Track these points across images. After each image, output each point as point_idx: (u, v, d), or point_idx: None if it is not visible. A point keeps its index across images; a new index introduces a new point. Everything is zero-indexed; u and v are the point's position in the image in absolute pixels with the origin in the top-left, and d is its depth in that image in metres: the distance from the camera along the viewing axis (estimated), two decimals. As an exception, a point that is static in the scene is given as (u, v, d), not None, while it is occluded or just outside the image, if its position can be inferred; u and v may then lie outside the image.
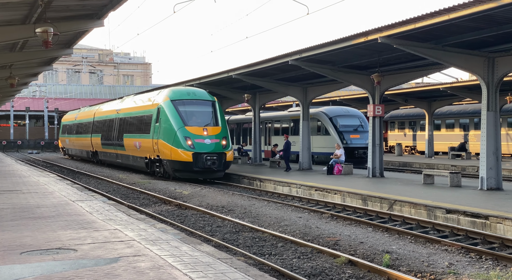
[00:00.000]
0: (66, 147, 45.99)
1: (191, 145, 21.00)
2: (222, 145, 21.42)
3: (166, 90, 24.07)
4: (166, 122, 21.91)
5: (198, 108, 22.46)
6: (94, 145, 34.41)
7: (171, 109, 22.06)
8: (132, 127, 26.34)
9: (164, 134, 21.84)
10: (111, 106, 32.66)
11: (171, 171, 21.92)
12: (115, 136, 29.22)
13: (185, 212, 13.97)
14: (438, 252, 8.99)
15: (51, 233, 8.17)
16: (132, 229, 8.64)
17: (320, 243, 9.78)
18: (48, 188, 15.92)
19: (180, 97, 22.62)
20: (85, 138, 36.87)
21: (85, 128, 37.38)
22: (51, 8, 12.09)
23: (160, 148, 22.10)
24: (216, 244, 9.54)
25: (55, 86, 72.39)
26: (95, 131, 34.07)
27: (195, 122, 21.86)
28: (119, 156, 28.98)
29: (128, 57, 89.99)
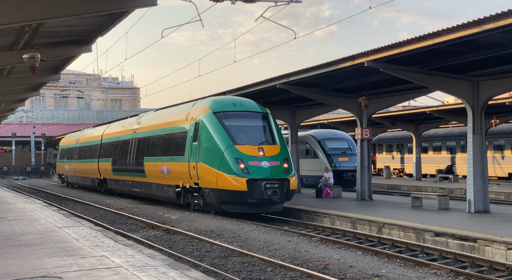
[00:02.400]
0: (65, 174, 40.13)
1: (244, 169, 16.12)
2: (283, 168, 16.56)
3: (204, 101, 18.94)
4: (209, 140, 17.07)
5: (248, 122, 17.74)
6: (102, 172, 29.46)
7: (214, 123, 17.20)
8: (156, 149, 21.42)
9: (207, 156, 16.96)
10: (125, 125, 27.45)
11: (215, 202, 16.85)
12: (131, 160, 24.27)
13: (174, 237, 13.83)
14: (428, 276, 8.96)
15: (37, 261, 8.03)
16: (119, 255, 8.52)
17: (309, 267, 9.71)
18: (34, 214, 15.70)
19: (225, 108, 17.71)
20: (91, 164, 31.67)
21: (91, 153, 32.37)
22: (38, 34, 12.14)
23: (200, 173, 17.18)
24: (205, 269, 9.44)
25: (42, 112, 72.10)
26: (104, 156, 29.15)
27: (247, 140, 17.07)
28: (138, 184, 23.70)
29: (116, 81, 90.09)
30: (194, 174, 17.58)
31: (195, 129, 17.96)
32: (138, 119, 25.76)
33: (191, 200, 18.68)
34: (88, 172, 32.61)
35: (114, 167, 27.02)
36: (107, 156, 28.49)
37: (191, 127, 18.26)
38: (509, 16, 11.03)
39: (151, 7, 10.59)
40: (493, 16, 11.32)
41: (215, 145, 16.83)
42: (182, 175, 18.65)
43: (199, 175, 17.28)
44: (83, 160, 34.02)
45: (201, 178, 17.23)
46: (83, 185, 34.99)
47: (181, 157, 18.71)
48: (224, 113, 17.58)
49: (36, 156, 65.95)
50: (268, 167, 16.35)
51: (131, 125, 25.93)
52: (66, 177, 39.78)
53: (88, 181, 33.24)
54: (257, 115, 17.96)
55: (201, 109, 18.28)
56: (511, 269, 9.38)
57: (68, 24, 12.10)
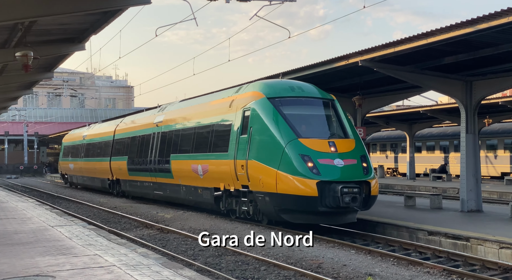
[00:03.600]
0: (69, 174, 36.21)
1: (312, 169, 12.73)
2: (362, 168, 13.29)
3: (252, 85, 15.35)
4: (264, 132, 13.71)
5: (312, 111, 14.45)
6: (114, 171, 25.95)
7: (270, 112, 13.83)
8: (188, 145, 18.02)
9: (261, 152, 13.62)
10: (144, 118, 23.71)
11: (272, 210, 13.49)
12: (153, 159, 20.79)
13: (167, 236, 13.81)
14: (421, 274, 8.99)
15: (29, 260, 7.99)
16: (113, 254, 8.50)
17: (303, 266, 9.71)
18: (27, 213, 15.63)
19: (282, 93, 14.36)
20: (101, 163, 28.06)
21: (100, 150, 28.80)
22: (31, 32, 12.08)
23: (252, 173, 13.79)
24: (198, 268, 9.42)
25: (35, 110, 71.80)
26: (117, 153, 25.63)
27: (313, 133, 13.79)
28: (161, 186, 20.38)
29: (110, 80, 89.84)
30: (243, 174, 14.10)
31: (243, 120, 14.53)
32: (160, 111, 21.98)
33: (236, 206, 15.24)
34: (97, 172, 28.97)
35: (130, 166, 23.51)
36: (122, 154, 24.93)
37: (238, 118, 14.82)
38: (502, 16, 11.09)
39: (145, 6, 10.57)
40: (486, 16, 11.37)
41: (272, 138, 13.43)
42: (224, 175, 15.22)
43: (250, 175, 13.79)
44: (91, 158, 30.34)
45: (252, 179, 13.75)
46: (91, 186, 31.43)
47: (223, 154, 15.29)
48: (281, 99, 14.15)
49: (29, 155, 65.67)
50: (342, 166, 13.02)
51: (152, 118, 22.12)
52: (70, 177, 36.06)
53: (97, 182, 29.55)
54: (321, 103, 14.56)
55: (250, 95, 14.74)
56: (503, 267, 9.43)
57: (61, 22, 12.06)
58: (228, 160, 14.88)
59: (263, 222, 14.44)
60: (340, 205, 12.50)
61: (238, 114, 14.91)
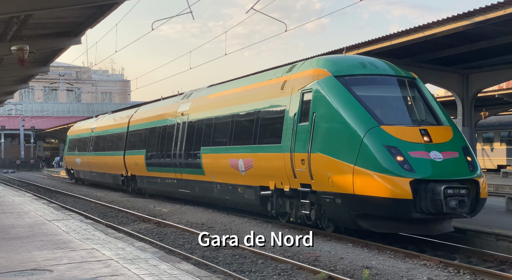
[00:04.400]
0: (76, 169, 33.56)
1: (403, 164, 10.06)
2: (467, 163, 10.51)
3: (312, 61, 12.64)
4: (334, 118, 11.11)
5: (391, 92, 11.77)
6: (129, 167, 23.47)
7: (341, 93, 11.21)
8: (224, 135, 15.46)
9: (330, 143, 11.08)
10: (165, 107, 21.06)
11: (346, 216, 10.98)
12: (178, 152, 18.29)
13: (165, 229, 13.83)
14: (417, 267, 9.04)
15: (26, 254, 8.00)
16: (110, 248, 8.51)
17: (300, 259, 9.75)
18: (24, 207, 15.62)
19: (352, 71, 11.78)
20: (113, 157, 25.51)
21: (112, 143, 26.21)
22: (27, 26, 12.03)
23: (316, 169, 11.27)
24: (196, 262, 9.45)
25: (32, 105, 71.60)
26: (133, 147, 23.07)
27: (398, 119, 11.22)
28: (188, 183, 17.89)
29: (106, 74, 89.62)
30: (303, 171, 11.64)
31: (302, 104, 11.97)
32: (185, 98, 19.31)
33: (291, 209, 12.78)
34: (108, 167, 26.43)
35: (149, 161, 21.07)
36: (138, 147, 22.37)
37: (294, 102, 12.27)
38: (499, 8, 11.10)
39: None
40: (483, 9, 11.38)
41: (346, 126, 10.79)
42: (275, 171, 12.83)
43: (314, 172, 11.29)
44: (101, 152, 27.75)
45: (317, 176, 11.27)
46: (101, 182, 28.94)
47: (273, 146, 12.90)
48: (352, 78, 11.55)
49: (26, 149, 65.56)
50: (441, 160, 10.24)
51: (175, 107, 19.55)
52: (77, 172, 33.30)
53: (108, 178, 27.07)
54: (402, 82, 11.82)
55: (311, 73, 12.09)
56: (499, 259, 9.48)
57: (56, 16, 12.00)
58: (282, 153, 12.38)
59: (328, 229, 11.90)
60: (444, 210, 9.74)
61: (294, 98, 12.28)
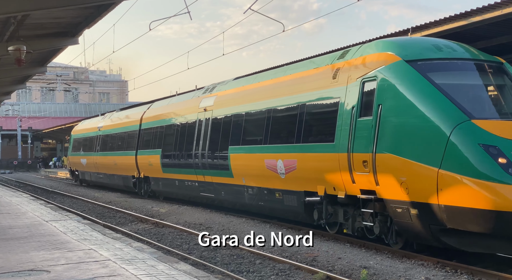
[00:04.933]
0: (80, 170, 31.74)
1: (507, 167, 8.23)
2: None
3: (373, 45, 10.71)
4: (408, 111, 9.23)
5: (478, 79, 9.92)
6: (142, 168, 21.84)
7: (416, 81, 9.36)
8: (257, 133, 13.73)
9: (404, 141, 9.22)
10: (183, 103, 19.26)
11: (428, 230, 9.06)
12: (200, 152, 16.56)
13: (162, 230, 13.81)
14: (415, 267, 9.04)
15: (24, 254, 7.98)
16: (108, 248, 8.50)
17: (298, 259, 9.75)
18: (21, 208, 15.60)
19: (426, 54, 9.86)
20: (123, 158, 23.84)
21: (122, 142, 24.54)
22: (24, 26, 12.01)
23: (385, 172, 9.46)
24: (194, 262, 9.44)
25: (29, 105, 71.47)
26: (146, 146, 21.38)
27: (493, 111, 9.50)
28: (213, 187, 16.18)
29: (104, 75, 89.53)
30: (365, 174, 9.81)
31: (362, 95, 10.10)
32: (207, 92, 17.53)
33: (347, 219, 10.94)
34: (118, 168, 24.77)
35: (165, 161, 19.39)
36: (153, 146, 20.66)
37: (351, 92, 10.41)
38: (496, 8, 11.10)
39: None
40: (480, 9, 11.39)
41: (424, 121, 8.96)
42: (326, 174, 11.00)
43: (382, 175, 9.46)
44: (110, 152, 26.02)
45: (385, 181, 9.42)
46: (109, 184, 27.26)
47: (324, 145, 11.07)
48: (427, 63, 9.67)
49: (23, 150, 65.43)
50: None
51: (196, 102, 17.81)
52: (82, 173, 31.54)
53: (117, 180, 25.39)
54: (488, 67, 10.02)
55: (374, 58, 10.19)
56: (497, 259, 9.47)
57: (54, 16, 11.99)
58: (336, 153, 10.56)
59: (395, 245, 9.98)
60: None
61: (351, 88, 10.42)
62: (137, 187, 22.73)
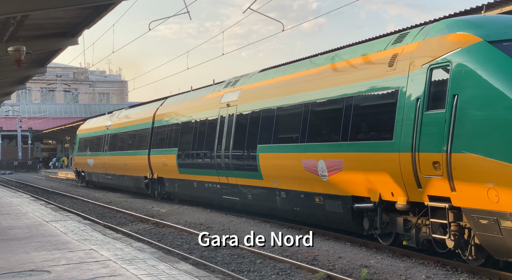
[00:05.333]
0: (87, 171, 30.39)
1: None
2: None
3: (440, 24, 9.23)
4: (495, 103, 7.71)
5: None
6: (156, 168, 20.46)
7: (504, 64, 7.87)
8: (292, 130, 12.34)
9: (491, 139, 7.67)
10: (203, 98, 17.65)
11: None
12: (223, 151, 15.22)
13: (163, 230, 13.82)
14: (415, 266, 9.04)
15: (24, 255, 7.99)
16: (108, 248, 8.50)
17: (298, 258, 9.75)
18: (22, 209, 15.60)
19: None
20: (134, 158, 22.46)
21: (133, 141, 23.01)
22: (23, 26, 12.01)
23: (465, 176, 7.96)
24: (194, 262, 9.44)
25: (29, 106, 71.47)
26: (160, 145, 20.02)
27: None
28: (237, 189, 14.80)
29: (103, 75, 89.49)
30: (437, 178, 8.40)
31: (430, 84, 8.76)
32: (230, 86, 16.08)
33: (408, 230, 9.47)
34: (129, 169, 23.37)
35: (182, 161, 18.03)
36: (168, 145, 19.29)
37: (415, 81, 9.07)
38: (495, 7, 11.10)
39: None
40: (479, 7, 11.38)
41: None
42: (381, 177, 9.60)
43: (459, 179, 8.04)
44: (119, 151, 24.65)
45: (464, 186, 7.99)
46: (118, 186, 25.97)
47: (380, 143, 9.63)
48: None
49: (23, 150, 65.42)
50: None
51: (217, 97, 16.34)
52: (89, 174, 30.15)
53: (127, 181, 24.05)
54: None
55: (445, 40, 8.75)
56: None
57: (53, 17, 11.99)
58: (395, 153, 9.20)
59: (474, 262, 8.46)
60: None
61: (415, 77, 9.07)
62: (150, 188, 21.41)
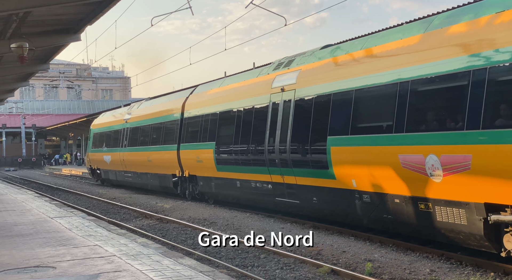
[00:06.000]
0: (103, 169, 28.03)
1: None
2: None
3: None
4: None
5: None
6: (187, 165, 18.09)
7: None
8: (381, 116, 10.07)
9: None
10: (247, 84, 15.32)
11: None
12: (276, 144, 13.00)
13: (167, 225, 13.85)
14: (420, 259, 9.04)
15: (29, 251, 8.02)
16: (113, 244, 8.53)
17: (302, 253, 9.76)
18: (26, 205, 15.66)
19: None
20: (161, 153, 20.06)
21: (159, 135, 20.51)
22: (26, 23, 12.01)
23: None
24: (199, 257, 9.46)
25: (32, 102, 71.59)
26: (192, 138, 17.63)
27: None
28: (298, 190, 12.55)
29: (106, 71, 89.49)
30: None
31: None
32: (283, 68, 13.71)
33: None
34: (153, 166, 20.88)
35: (221, 157, 15.63)
36: (202, 139, 16.88)
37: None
38: (499, 0, 10.98)
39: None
40: None
41: None
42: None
43: None
44: (141, 147, 22.10)
45: None
46: (140, 184, 23.45)
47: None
48: None
49: (27, 147, 65.58)
50: None
51: (267, 81, 14.00)
52: (105, 172, 27.73)
53: (151, 180, 21.54)
54: None
55: None
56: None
57: (55, 13, 11.98)
58: None
59: None
60: None
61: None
62: (180, 187, 19.07)
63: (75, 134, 62.29)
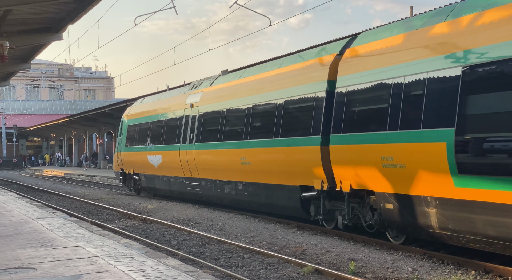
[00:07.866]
0: (146, 174, 20.32)
1: None
2: None
3: None
4: None
5: None
6: (341, 171, 10.29)
7: None
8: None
9: None
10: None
11: None
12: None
13: (150, 226, 13.76)
14: (402, 258, 9.11)
15: (9, 252, 7.90)
16: (95, 245, 8.44)
17: (287, 253, 9.77)
18: (6, 206, 15.44)
19: None
20: (280, 152, 12.27)
21: (270, 123, 12.78)
22: (6, 21, 11.86)
23: None
24: (182, 258, 9.41)
25: (13, 102, 70.70)
26: (361, 126, 9.77)
27: None
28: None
29: (89, 71, 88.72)
30: None
31: None
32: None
33: None
34: (256, 171, 13.37)
35: (468, 157, 7.81)
36: (403, 124, 8.89)
37: None
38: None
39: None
40: (465, 2, 11.41)
41: None
42: None
43: None
44: (230, 142, 14.62)
45: None
46: (228, 201, 15.41)
47: None
48: None
49: (8, 148, 64.73)
50: None
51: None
52: (150, 179, 20.10)
53: (259, 195, 13.50)
54: None
55: None
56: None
57: (36, 11, 11.84)
58: None
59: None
60: None
61: None
62: (320, 210, 11.41)
63: (57, 135, 61.63)
